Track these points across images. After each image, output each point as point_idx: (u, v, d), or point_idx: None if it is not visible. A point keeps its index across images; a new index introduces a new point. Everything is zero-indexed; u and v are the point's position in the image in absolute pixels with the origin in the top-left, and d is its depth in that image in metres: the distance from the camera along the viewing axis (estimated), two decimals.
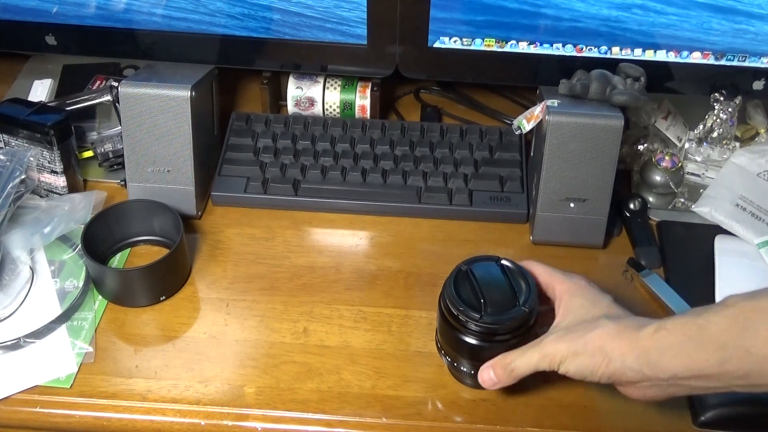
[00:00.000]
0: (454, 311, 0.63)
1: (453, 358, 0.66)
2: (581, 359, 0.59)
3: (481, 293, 0.63)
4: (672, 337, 0.56)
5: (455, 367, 0.66)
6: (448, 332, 0.64)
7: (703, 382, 0.55)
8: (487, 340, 0.62)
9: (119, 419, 0.66)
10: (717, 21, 0.81)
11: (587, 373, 0.59)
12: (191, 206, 0.82)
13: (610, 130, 0.77)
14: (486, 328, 0.62)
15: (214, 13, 0.85)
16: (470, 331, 0.62)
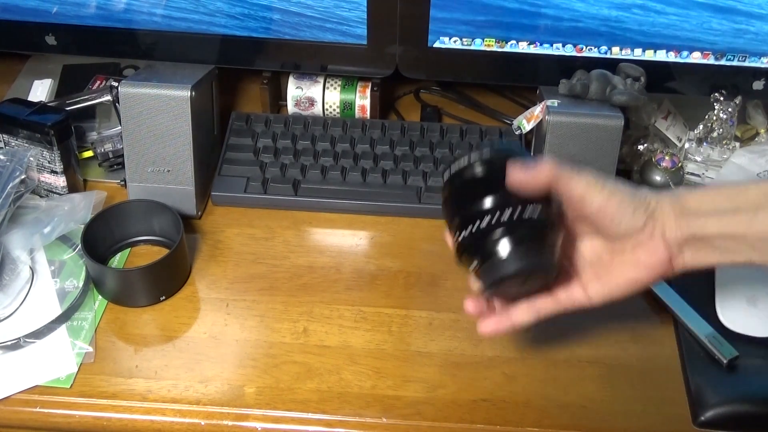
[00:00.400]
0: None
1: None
2: (622, 192, 0.58)
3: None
4: (709, 193, 0.57)
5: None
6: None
7: (729, 243, 0.55)
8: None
9: (119, 419, 0.66)
10: (717, 21, 0.81)
11: (628, 205, 0.57)
12: (191, 206, 0.82)
13: (610, 130, 0.77)
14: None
15: (214, 13, 0.85)
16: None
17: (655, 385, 0.69)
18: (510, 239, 0.57)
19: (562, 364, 0.71)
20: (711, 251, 0.57)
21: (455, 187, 0.60)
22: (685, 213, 0.57)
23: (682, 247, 0.57)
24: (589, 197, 0.57)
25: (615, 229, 0.58)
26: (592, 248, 0.62)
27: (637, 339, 0.73)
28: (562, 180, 0.58)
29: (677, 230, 0.57)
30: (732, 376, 0.68)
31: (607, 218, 0.58)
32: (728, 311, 0.73)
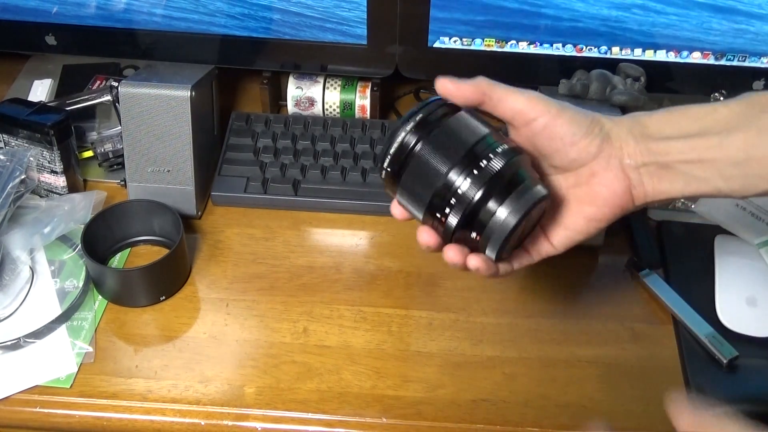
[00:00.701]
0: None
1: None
2: (572, 112, 0.52)
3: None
4: (672, 116, 0.52)
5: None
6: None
7: (694, 170, 0.51)
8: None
9: (119, 419, 0.66)
10: (717, 21, 0.81)
11: (579, 126, 0.52)
12: (191, 206, 0.82)
13: None
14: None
15: (214, 13, 0.85)
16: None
17: (655, 385, 0.69)
18: (494, 195, 0.51)
19: (562, 364, 0.71)
20: (675, 179, 0.52)
21: (407, 171, 0.53)
22: (646, 136, 0.52)
23: (643, 176, 0.52)
24: (533, 114, 0.52)
25: (565, 155, 0.53)
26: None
27: (637, 339, 0.73)
28: (497, 94, 0.52)
29: (637, 156, 0.52)
30: (732, 376, 0.68)
31: (555, 141, 0.52)
32: (728, 311, 0.73)
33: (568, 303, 0.76)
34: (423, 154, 0.52)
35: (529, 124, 0.52)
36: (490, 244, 0.52)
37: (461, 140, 0.52)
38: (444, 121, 0.52)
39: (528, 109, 0.52)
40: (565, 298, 0.77)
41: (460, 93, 0.53)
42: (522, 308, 0.76)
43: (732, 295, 0.74)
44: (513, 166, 0.51)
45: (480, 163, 0.51)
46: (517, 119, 0.53)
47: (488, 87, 0.53)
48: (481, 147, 0.51)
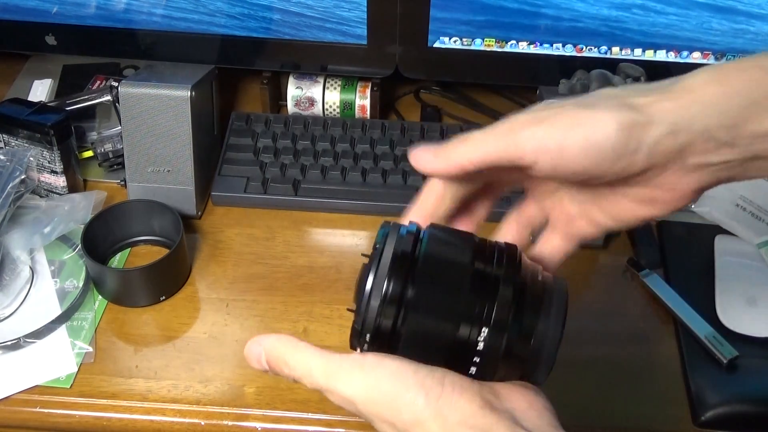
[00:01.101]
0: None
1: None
2: (592, 133, 0.39)
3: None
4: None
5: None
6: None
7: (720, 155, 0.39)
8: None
9: (119, 419, 0.66)
10: (717, 21, 0.81)
11: (606, 156, 0.39)
12: (191, 206, 0.82)
13: None
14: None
15: (214, 13, 0.85)
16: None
17: (655, 385, 0.69)
18: (524, 318, 0.41)
19: (562, 364, 0.70)
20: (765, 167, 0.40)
21: (403, 344, 0.41)
22: (728, 118, 0.39)
23: (720, 172, 0.41)
24: (528, 160, 0.40)
25: (601, 181, 0.41)
26: (580, 200, 0.46)
27: (637, 339, 0.72)
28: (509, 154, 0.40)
29: (719, 153, 0.39)
30: (732, 376, 0.68)
31: (577, 175, 0.41)
32: (728, 311, 0.73)
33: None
34: (419, 300, 0.40)
35: (530, 166, 0.41)
36: (540, 368, 0.44)
37: (455, 261, 0.41)
38: (421, 251, 0.41)
39: (516, 157, 0.40)
40: None
41: (438, 173, 0.43)
42: None
43: (732, 295, 0.74)
44: (525, 266, 0.42)
45: (494, 278, 0.41)
46: (513, 166, 0.41)
47: (463, 159, 0.41)
48: (481, 259, 0.41)
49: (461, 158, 0.41)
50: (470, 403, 0.39)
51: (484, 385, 0.40)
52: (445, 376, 0.39)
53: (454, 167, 0.42)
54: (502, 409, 0.39)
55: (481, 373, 0.41)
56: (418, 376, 0.39)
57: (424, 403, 0.38)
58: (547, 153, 0.39)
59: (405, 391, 0.39)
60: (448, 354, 0.40)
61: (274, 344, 0.44)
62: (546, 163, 0.40)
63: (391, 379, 0.39)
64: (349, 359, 0.42)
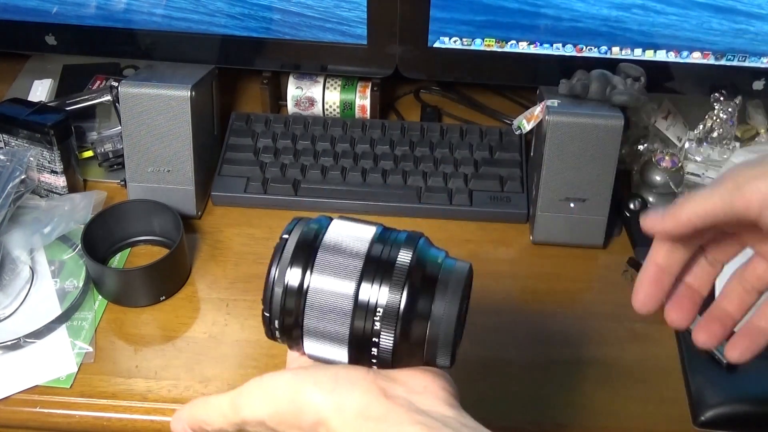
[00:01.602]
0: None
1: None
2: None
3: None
4: None
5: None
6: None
7: None
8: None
9: (119, 419, 0.66)
10: (717, 21, 0.81)
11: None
12: (191, 206, 0.82)
13: (610, 130, 0.77)
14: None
15: (214, 13, 0.85)
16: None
17: (655, 385, 0.69)
18: (421, 292, 0.42)
19: (562, 364, 0.71)
20: None
21: (306, 314, 0.43)
22: None
23: None
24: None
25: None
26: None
27: (637, 339, 0.73)
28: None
29: None
30: (732, 376, 0.68)
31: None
32: None
33: (568, 303, 0.76)
34: (317, 286, 0.42)
35: (757, 220, 0.41)
36: (440, 351, 0.43)
37: (353, 250, 0.42)
38: (321, 241, 0.43)
39: (741, 211, 0.41)
40: (565, 298, 0.77)
41: (668, 233, 0.45)
42: (522, 308, 0.76)
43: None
44: (422, 253, 0.43)
45: (387, 263, 0.42)
46: (738, 222, 0.42)
47: (693, 215, 0.42)
48: (377, 247, 0.42)
49: (689, 214, 0.43)
50: (365, 392, 0.40)
51: (380, 373, 0.41)
52: (339, 371, 0.41)
53: (684, 224, 0.44)
54: (396, 395, 0.40)
55: (381, 360, 0.42)
56: (311, 377, 0.41)
57: (320, 399, 0.39)
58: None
59: (301, 393, 0.40)
60: (349, 341, 0.42)
61: (188, 413, 0.44)
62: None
63: (287, 386, 0.41)
64: (249, 384, 0.43)
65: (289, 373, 0.42)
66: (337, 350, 0.43)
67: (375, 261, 0.42)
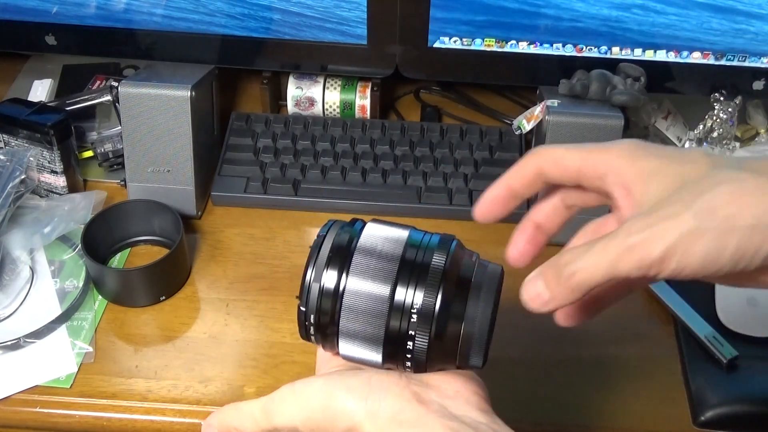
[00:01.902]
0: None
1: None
2: (709, 237, 0.33)
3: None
4: None
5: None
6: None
7: None
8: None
9: (119, 419, 0.66)
10: (717, 21, 0.81)
11: (725, 256, 0.33)
12: (191, 206, 0.82)
13: (610, 130, 0.77)
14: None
15: (214, 13, 0.85)
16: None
17: (655, 385, 0.69)
18: (456, 293, 0.43)
19: (562, 364, 0.71)
20: None
21: (342, 316, 0.43)
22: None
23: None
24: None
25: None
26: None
27: (637, 339, 0.73)
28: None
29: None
30: (732, 376, 0.68)
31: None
32: (728, 311, 0.73)
33: None
34: (353, 288, 0.43)
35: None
36: (473, 350, 0.44)
37: (388, 253, 0.43)
38: (357, 244, 0.44)
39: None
40: None
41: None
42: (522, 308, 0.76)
43: (732, 295, 0.74)
44: (456, 256, 0.44)
45: (422, 266, 0.43)
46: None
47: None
48: (412, 250, 0.44)
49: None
50: (398, 397, 0.40)
51: (412, 378, 0.41)
52: (372, 376, 0.41)
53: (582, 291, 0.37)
54: (429, 399, 0.40)
55: (416, 360, 0.42)
56: (344, 383, 0.41)
57: (353, 405, 0.39)
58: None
59: (335, 400, 0.40)
60: (384, 342, 0.42)
61: (219, 419, 0.44)
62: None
63: (320, 392, 0.41)
64: (281, 391, 0.42)
65: (321, 380, 0.42)
66: (371, 351, 0.43)
67: (410, 264, 0.43)
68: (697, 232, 0.34)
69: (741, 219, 0.33)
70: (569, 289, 0.37)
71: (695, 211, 0.34)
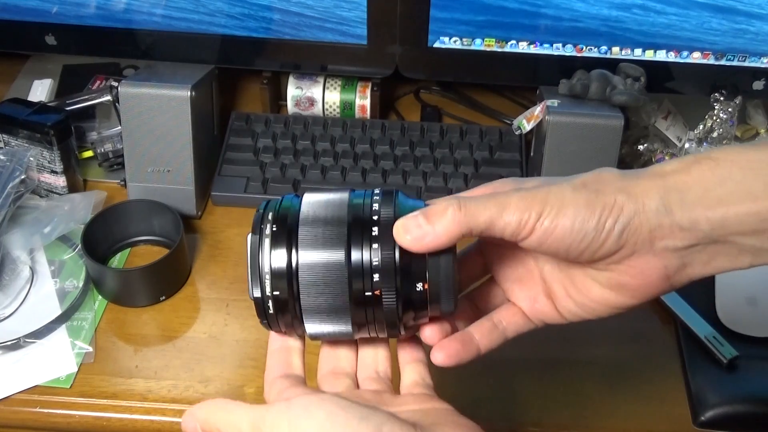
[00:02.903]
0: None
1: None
2: (574, 208, 0.40)
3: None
4: (722, 170, 0.40)
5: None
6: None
7: (759, 241, 0.40)
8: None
9: (119, 419, 0.66)
10: (717, 21, 0.81)
11: (585, 228, 0.40)
12: (191, 206, 0.82)
13: (610, 130, 0.77)
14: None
15: (214, 13, 0.85)
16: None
17: (655, 385, 0.69)
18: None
19: (562, 364, 0.71)
20: (736, 256, 0.42)
21: (302, 290, 0.42)
22: (687, 206, 0.39)
23: (686, 257, 0.41)
24: (523, 234, 0.41)
25: (578, 254, 0.42)
26: (555, 265, 0.46)
27: (637, 339, 0.73)
28: (479, 219, 0.41)
29: (676, 237, 0.40)
30: (732, 376, 0.68)
31: (560, 243, 0.41)
32: (728, 311, 0.73)
33: None
34: (306, 261, 0.41)
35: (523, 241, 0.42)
36: (443, 295, 0.42)
37: (333, 217, 0.42)
38: (299, 216, 0.43)
39: (517, 228, 0.41)
40: None
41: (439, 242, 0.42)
42: None
43: (732, 295, 0.74)
44: (402, 204, 0.43)
45: (371, 223, 0.41)
46: (510, 238, 0.42)
47: (465, 216, 0.41)
48: (357, 209, 0.42)
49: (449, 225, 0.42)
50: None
51: (418, 425, 0.39)
52: (383, 424, 0.37)
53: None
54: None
55: (388, 323, 0.42)
56: (352, 427, 0.37)
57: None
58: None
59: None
60: (351, 306, 0.41)
61: (205, 413, 0.42)
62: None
63: (321, 430, 0.37)
64: (275, 408, 0.39)
65: (324, 414, 0.38)
66: (340, 323, 0.42)
67: (359, 223, 0.41)
68: (566, 202, 0.40)
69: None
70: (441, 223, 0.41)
71: (571, 185, 0.41)
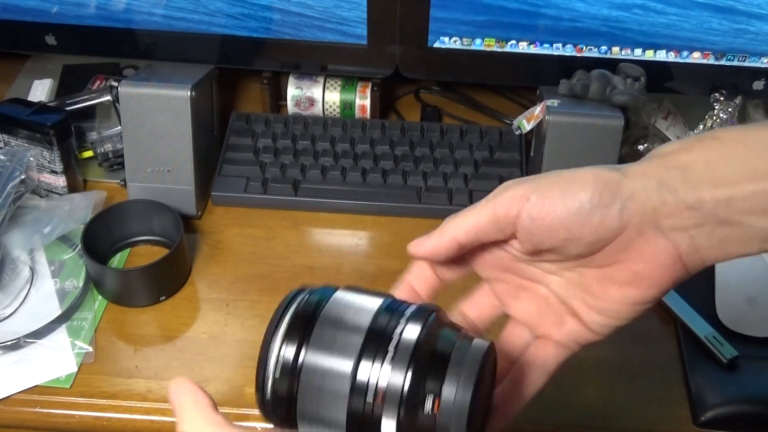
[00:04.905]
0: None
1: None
2: (563, 183, 0.41)
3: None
4: (726, 148, 0.38)
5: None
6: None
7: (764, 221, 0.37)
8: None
9: (119, 419, 0.66)
10: (717, 21, 0.81)
11: (579, 199, 0.39)
12: (191, 206, 0.82)
13: (610, 130, 0.77)
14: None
15: (214, 13, 0.85)
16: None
17: (655, 385, 0.69)
18: (429, 373, 0.37)
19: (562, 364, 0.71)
20: (747, 238, 0.38)
21: (300, 395, 0.38)
22: (691, 184, 0.38)
23: (696, 239, 0.39)
24: (512, 213, 0.41)
25: (578, 242, 0.40)
26: (565, 281, 0.45)
27: (637, 339, 0.72)
28: (469, 234, 0.42)
29: (682, 216, 0.38)
30: (732, 376, 0.68)
31: (557, 231, 0.40)
32: (728, 311, 0.73)
33: None
34: (311, 364, 0.37)
35: (515, 225, 0.41)
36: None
37: (354, 323, 0.38)
38: (321, 312, 0.39)
39: (501, 215, 0.41)
40: None
41: (436, 252, 0.45)
42: None
43: (732, 295, 0.74)
44: (433, 329, 0.38)
45: (390, 340, 0.37)
46: (500, 231, 0.42)
47: (457, 230, 0.42)
48: (382, 321, 0.38)
49: (453, 231, 0.44)
50: None
51: None
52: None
53: (448, 242, 0.45)
54: None
55: (390, 421, 0.36)
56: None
57: None
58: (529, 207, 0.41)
59: None
60: (347, 428, 0.36)
61: (175, 390, 0.39)
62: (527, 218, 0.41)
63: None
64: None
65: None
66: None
67: (378, 336, 0.37)
68: (554, 186, 0.41)
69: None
70: (443, 233, 0.44)
71: (563, 176, 0.42)
